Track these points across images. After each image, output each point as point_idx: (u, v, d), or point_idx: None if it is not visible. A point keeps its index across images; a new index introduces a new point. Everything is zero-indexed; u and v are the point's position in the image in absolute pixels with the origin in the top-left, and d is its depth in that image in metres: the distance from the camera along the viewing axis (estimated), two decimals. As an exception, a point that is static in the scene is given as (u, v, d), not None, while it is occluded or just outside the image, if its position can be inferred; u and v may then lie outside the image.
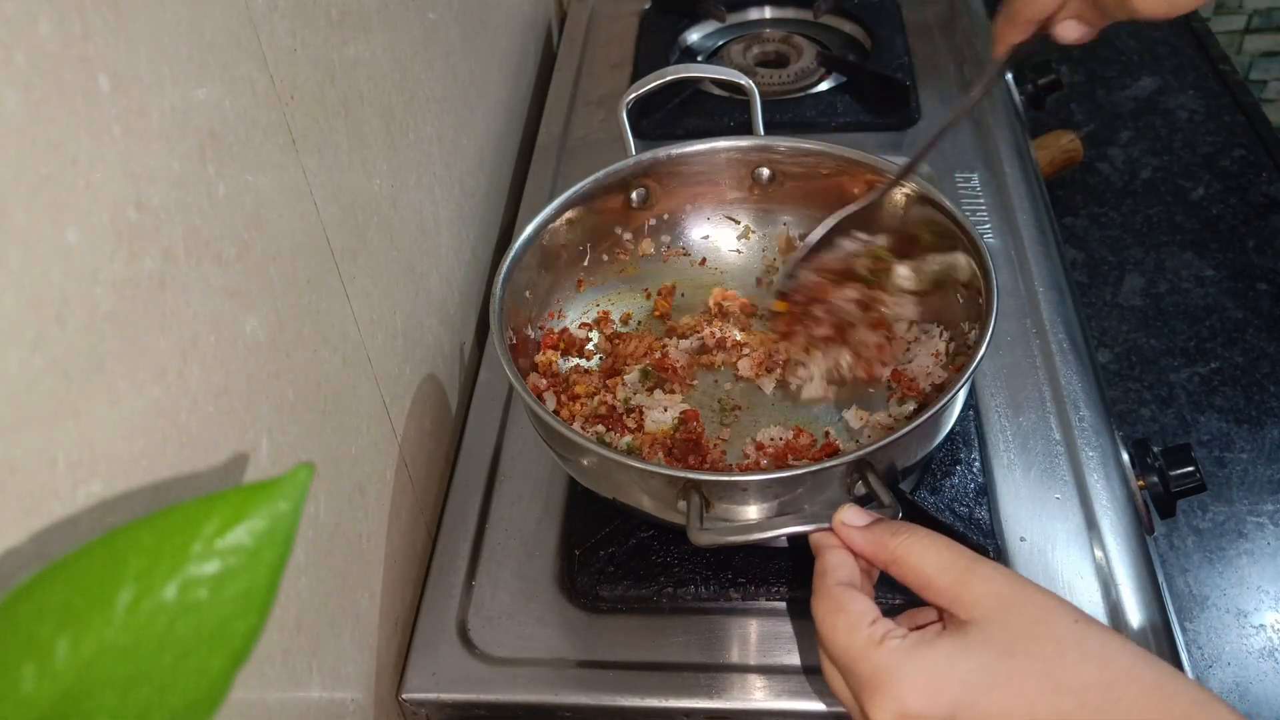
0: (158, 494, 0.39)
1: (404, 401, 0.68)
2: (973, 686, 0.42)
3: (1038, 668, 0.42)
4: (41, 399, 0.33)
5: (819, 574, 0.49)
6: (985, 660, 0.43)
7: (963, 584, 0.45)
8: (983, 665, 0.43)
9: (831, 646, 0.46)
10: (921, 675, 0.43)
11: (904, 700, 0.42)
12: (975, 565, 0.45)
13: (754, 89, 0.79)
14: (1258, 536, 0.88)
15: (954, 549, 0.47)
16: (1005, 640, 0.43)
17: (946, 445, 0.70)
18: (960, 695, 0.42)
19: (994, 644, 0.43)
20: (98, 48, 0.36)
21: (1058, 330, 0.78)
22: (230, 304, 0.45)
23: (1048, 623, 0.43)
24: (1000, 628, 0.43)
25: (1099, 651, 0.42)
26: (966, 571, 0.45)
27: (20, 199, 0.32)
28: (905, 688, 0.43)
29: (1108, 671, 0.42)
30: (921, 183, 0.71)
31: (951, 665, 0.43)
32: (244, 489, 0.29)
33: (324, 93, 0.56)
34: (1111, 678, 0.42)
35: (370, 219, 0.63)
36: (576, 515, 0.69)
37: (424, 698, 0.62)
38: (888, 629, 0.45)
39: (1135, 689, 0.41)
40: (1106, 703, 0.41)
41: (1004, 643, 0.43)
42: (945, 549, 0.47)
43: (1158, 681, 0.42)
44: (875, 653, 0.44)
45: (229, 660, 0.28)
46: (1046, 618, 0.43)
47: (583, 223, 0.76)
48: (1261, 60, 1.85)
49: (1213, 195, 1.18)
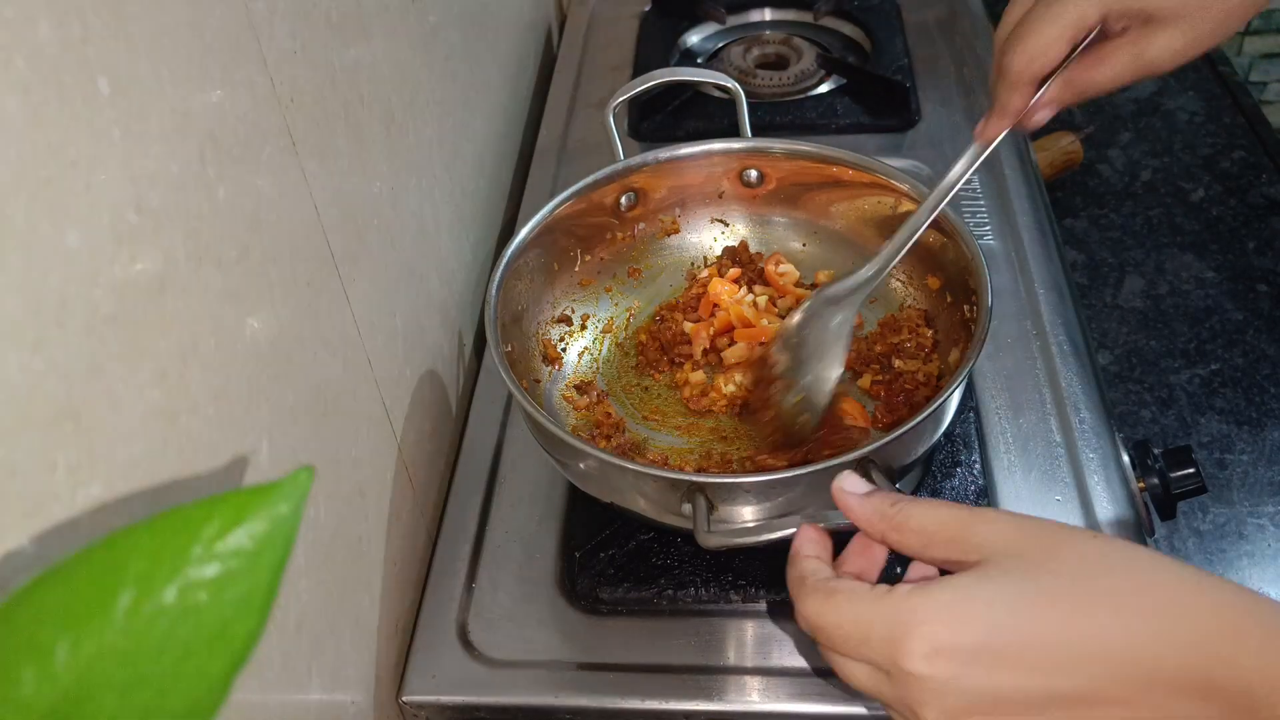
0: (158, 497, 0.39)
1: (404, 404, 0.68)
2: (1002, 610, 0.40)
3: (1065, 584, 0.40)
4: (41, 402, 0.33)
5: (797, 580, 0.46)
6: (1010, 584, 0.40)
7: (968, 530, 0.43)
8: (1009, 589, 0.40)
9: (837, 631, 0.43)
10: (944, 607, 0.40)
11: (934, 636, 0.40)
12: (978, 512, 0.44)
13: (740, 91, 0.79)
14: (1258, 538, 0.88)
15: (953, 505, 0.45)
16: (1025, 566, 0.41)
17: (946, 447, 0.70)
18: (991, 618, 0.40)
19: (1015, 571, 0.41)
20: (98, 51, 0.36)
21: (1058, 332, 0.78)
22: (230, 306, 0.45)
23: (1066, 543, 0.41)
24: (1016, 558, 0.41)
25: (1125, 561, 0.41)
26: (970, 518, 0.43)
27: (20, 202, 0.32)
28: (932, 624, 0.40)
29: (1137, 575, 0.40)
30: (917, 184, 0.71)
31: (974, 591, 0.41)
32: (244, 492, 0.29)
33: (324, 95, 0.56)
34: (1143, 581, 0.40)
35: (370, 221, 0.63)
36: (577, 517, 0.69)
37: (424, 700, 0.62)
38: (889, 587, 0.43)
39: (1168, 589, 0.39)
40: (1143, 606, 0.39)
41: (1024, 569, 0.41)
42: (944, 506, 0.45)
43: (1190, 579, 0.40)
44: (886, 604, 0.41)
45: (229, 663, 0.28)
46: (1064, 540, 0.42)
47: (574, 228, 0.76)
48: (1261, 62, 1.85)
49: (1213, 197, 1.18)
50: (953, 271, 0.69)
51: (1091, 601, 0.40)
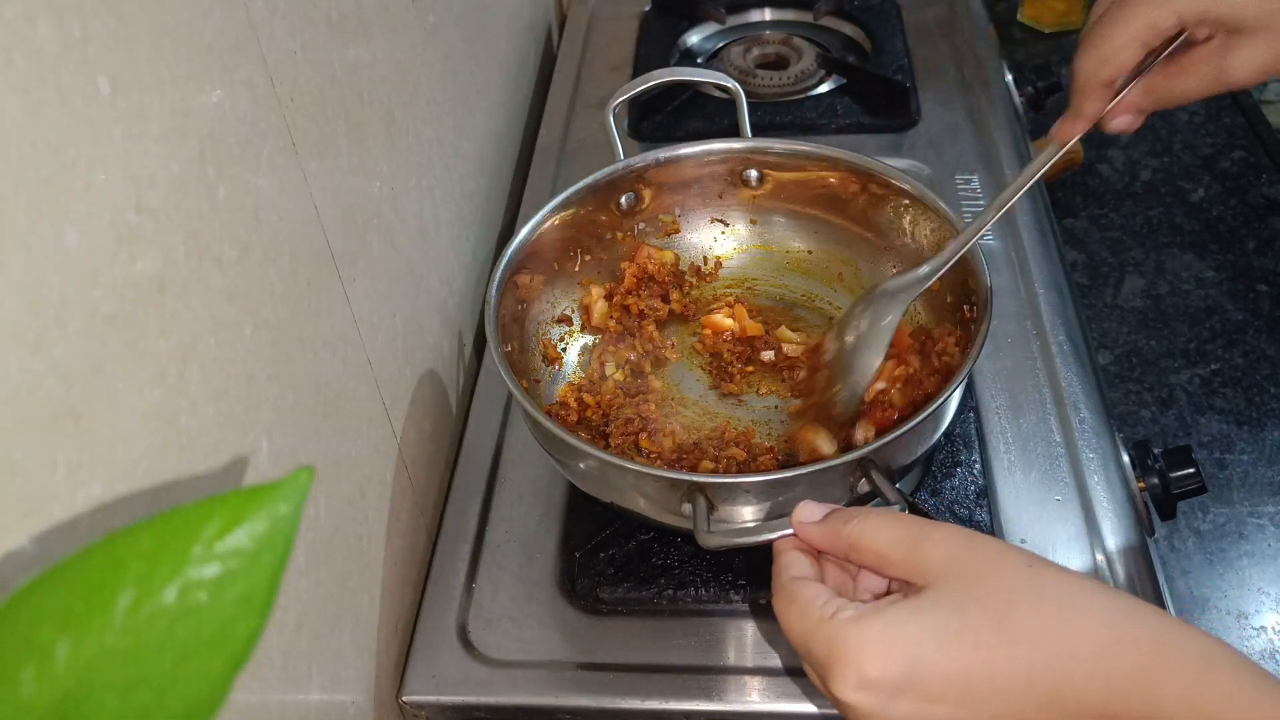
0: (158, 497, 0.39)
1: (404, 403, 0.68)
2: (927, 644, 0.41)
3: (991, 617, 0.41)
4: (41, 402, 0.33)
5: (774, 575, 0.49)
6: (938, 618, 0.42)
7: (916, 553, 0.44)
8: (935, 623, 0.42)
9: (791, 637, 0.46)
10: (873, 640, 0.42)
11: (861, 668, 0.42)
12: (927, 532, 0.45)
13: (740, 91, 0.79)
14: (1258, 538, 0.88)
15: (905, 522, 0.46)
16: (957, 596, 0.42)
17: (946, 447, 0.70)
18: (915, 653, 0.41)
19: (946, 601, 0.42)
20: (97, 50, 0.36)
21: (1058, 332, 0.78)
22: (230, 306, 0.45)
23: (999, 572, 0.42)
24: (952, 585, 0.43)
25: (1054, 593, 0.42)
26: (918, 539, 0.44)
27: (20, 201, 0.32)
28: (860, 655, 0.42)
29: (1064, 611, 0.41)
30: (916, 185, 0.71)
31: (902, 626, 0.42)
32: (244, 492, 0.29)
33: (324, 95, 0.56)
34: (1069, 616, 0.41)
35: (370, 221, 0.63)
36: (577, 517, 0.69)
37: (424, 700, 0.62)
38: (839, 605, 0.44)
39: (1094, 625, 0.40)
40: (1066, 642, 0.40)
41: (956, 599, 0.42)
42: (896, 523, 0.46)
43: (1118, 614, 0.41)
44: (827, 628, 0.43)
45: (229, 663, 0.28)
46: (998, 568, 0.43)
47: (574, 228, 0.76)
48: (1261, 62, 1.85)
49: (1213, 197, 1.18)
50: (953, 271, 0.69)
51: (1016, 634, 0.41)
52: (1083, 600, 0.41)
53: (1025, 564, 0.43)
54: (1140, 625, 0.40)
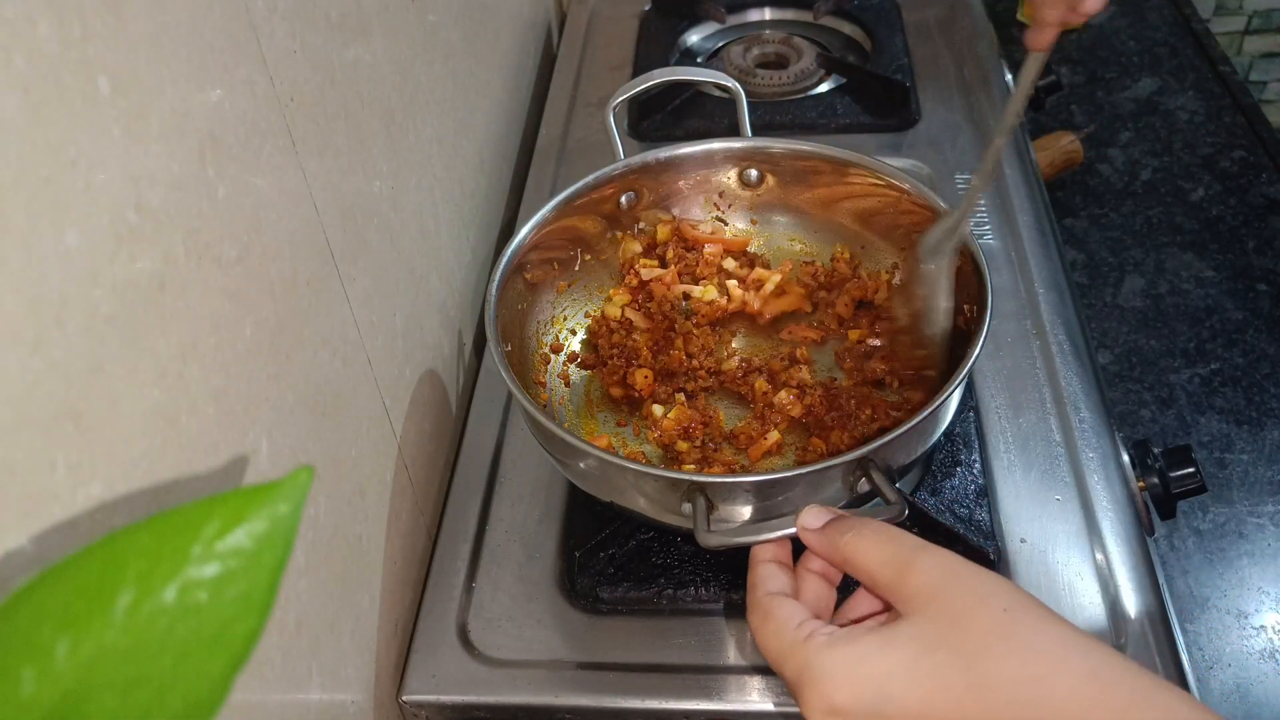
0: (157, 496, 0.39)
1: (404, 403, 0.68)
2: (896, 681, 0.41)
3: (961, 663, 0.40)
4: (41, 401, 0.33)
5: (749, 588, 0.49)
6: (909, 656, 0.41)
7: (902, 579, 0.44)
8: (905, 661, 0.41)
9: (765, 653, 0.46)
10: (842, 670, 0.42)
11: (830, 696, 0.42)
12: (915, 557, 0.44)
13: (740, 91, 0.79)
14: (1258, 537, 0.88)
15: (896, 542, 0.45)
16: (931, 634, 0.42)
17: (946, 446, 0.70)
18: (884, 691, 0.41)
19: (919, 638, 0.42)
20: (97, 50, 0.36)
21: (1058, 331, 0.78)
22: (230, 306, 0.45)
23: (975, 614, 0.42)
24: (929, 621, 0.42)
25: (1029, 643, 0.41)
26: (905, 566, 0.44)
27: (20, 201, 0.32)
28: (828, 683, 0.42)
29: (1037, 664, 0.40)
30: (916, 184, 0.71)
31: (872, 660, 0.42)
32: (244, 491, 0.29)
33: (324, 95, 0.56)
34: (1041, 671, 0.40)
35: (370, 220, 0.63)
36: (577, 517, 0.69)
37: (424, 700, 0.62)
38: (814, 628, 0.44)
39: (1068, 681, 0.39)
40: (1037, 697, 0.39)
41: (930, 637, 0.42)
42: (888, 543, 0.46)
43: (1093, 672, 0.39)
44: (800, 651, 0.43)
45: (229, 663, 0.28)
46: (975, 608, 0.42)
47: (574, 228, 0.76)
48: (1261, 61, 1.85)
49: (1213, 196, 1.18)
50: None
51: (986, 684, 0.40)
52: (1057, 655, 0.40)
53: (1003, 608, 0.42)
54: (1114, 687, 0.39)
